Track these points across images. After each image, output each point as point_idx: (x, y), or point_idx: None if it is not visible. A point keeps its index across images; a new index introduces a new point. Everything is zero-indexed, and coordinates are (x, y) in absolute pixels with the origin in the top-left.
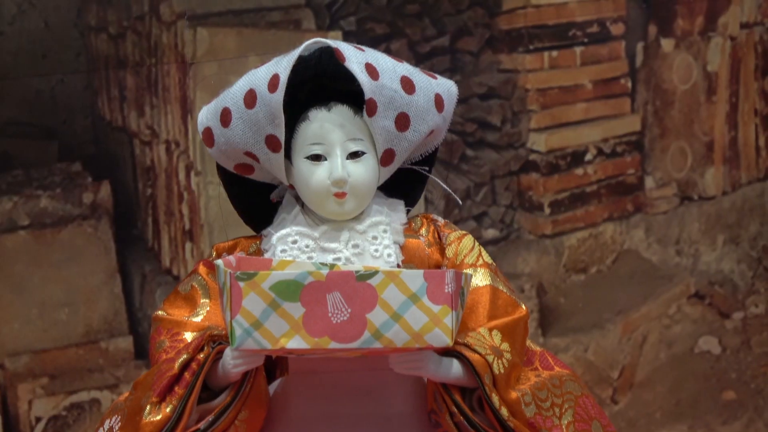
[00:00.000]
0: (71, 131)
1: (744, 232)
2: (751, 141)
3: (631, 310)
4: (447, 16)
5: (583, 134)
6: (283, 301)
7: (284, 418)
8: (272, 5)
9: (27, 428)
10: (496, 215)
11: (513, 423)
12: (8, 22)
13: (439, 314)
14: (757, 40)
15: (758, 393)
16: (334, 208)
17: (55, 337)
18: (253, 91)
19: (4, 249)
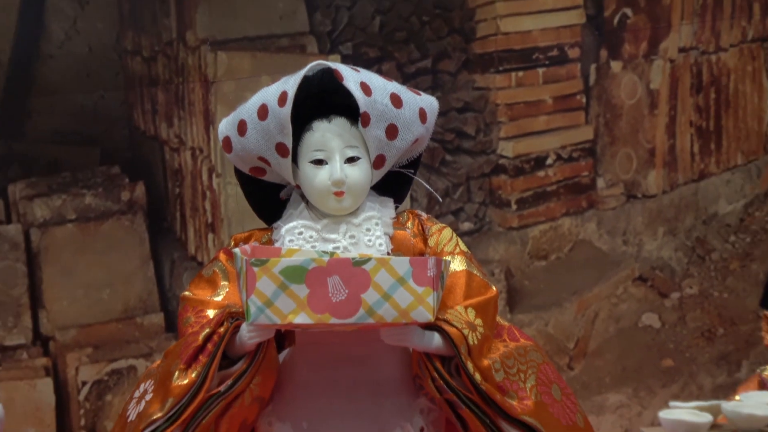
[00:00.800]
0: (111, 139)
1: (680, 225)
2: (687, 148)
3: (585, 290)
4: (429, 42)
5: (545, 142)
6: (291, 283)
7: (291, 382)
8: (281, 32)
9: (74, 391)
10: (471, 211)
11: (485, 386)
12: (57, 46)
13: (423, 294)
14: (693, 62)
15: (692, 361)
16: (334, 205)
17: (98, 313)
18: (265, 105)
19: (54, 239)
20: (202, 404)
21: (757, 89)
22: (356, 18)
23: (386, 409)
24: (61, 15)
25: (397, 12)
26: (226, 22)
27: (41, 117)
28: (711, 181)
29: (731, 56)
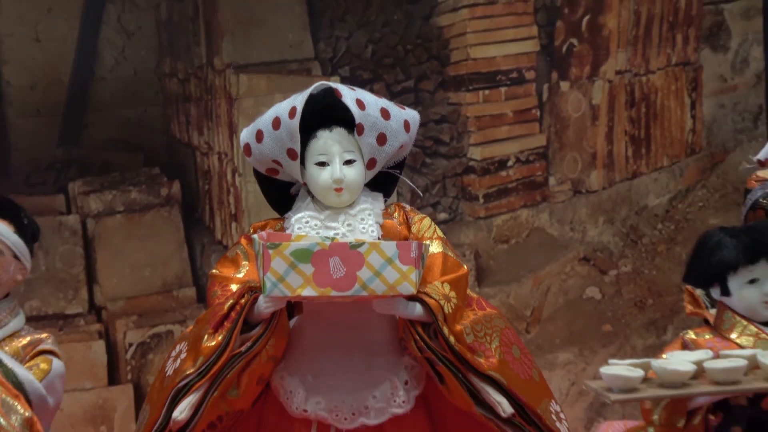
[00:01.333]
0: (152, 146)
1: (617, 215)
2: (622, 152)
3: (539, 269)
4: (412, 66)
5: (506, 148)
6: (299, 263)
7: (300, 344)
8: (291, 59)
9: (122, 351)
10: (446, 203)
11: (458, 347)
12: (108, 70)
13: (407, 272)
14: (627, 82)
15: (627, 326)
16: (334, 199)
17: (141, 288)
18: (278, 118)
19: (105, 227)
20: (227, 362)
21: (679, 104)
22: (352, 47)
23: (377, 366)
24: (111, 45)
25: (385, 42)
26: (246, 50)
27: (95, 128)
28: (642, 179)
29: (658, 77)
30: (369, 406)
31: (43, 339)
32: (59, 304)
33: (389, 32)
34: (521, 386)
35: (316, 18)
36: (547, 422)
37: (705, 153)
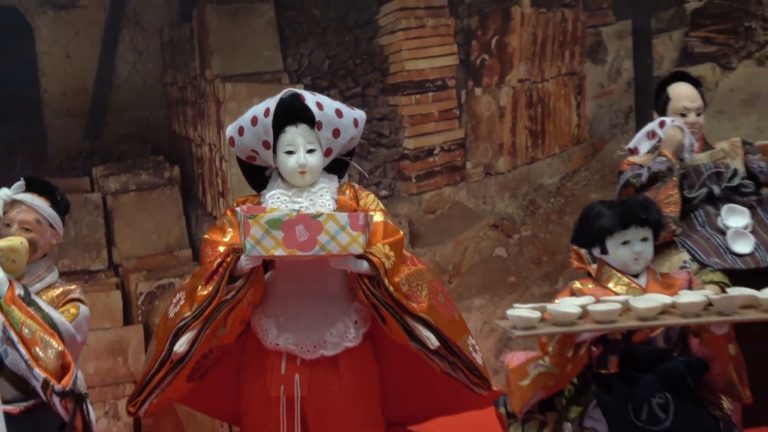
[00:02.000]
0: (157, 139)
1: (519, 191)
2: (523, 143)
3: (459, 234)
4: (360, 76)
5: (433, 139)
6: (272, 229)
7: (273, 293)
8: (265, 71)
9: (134, 299)
10: (386, 183)
11: (396, 294)
12: (123, 80)
13: (356, 236)
14: (526, 88)
15: (527, 278)
16: (299, 180)
17: (149, 249)
18: (256, 117)
19: (121, 202)
20: (216, 307)
21: (567, 105)
22: (313, 61)
23: (333, 310)
24: (125, 61)
25: (339, 58)
26: (230, 64)
27: (113, 126)
28: (538, 163)
29: (551, 84)
30: (327, 341)
31: (72, 290)
32: (85, 262)
33: (342, 50)
34: (445, 325)
35: (285, 40)
36: (465, 353)
37: (587, 143)
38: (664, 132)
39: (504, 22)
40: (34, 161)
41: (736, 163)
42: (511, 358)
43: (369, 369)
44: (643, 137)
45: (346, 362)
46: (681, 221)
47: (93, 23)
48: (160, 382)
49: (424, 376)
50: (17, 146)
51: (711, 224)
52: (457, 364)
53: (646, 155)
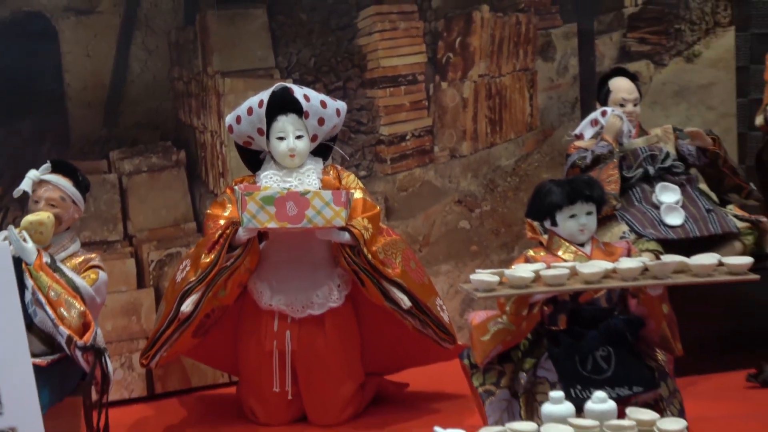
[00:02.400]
0: (166, 127)
1: (480, 172)
2: (483, 129)
3: (428, 208)
4: (341, 72)
5: (405, 127)
6: (266, 205)
7: (267, 260)
8: (259, 68)
9: (147, 265)
10: (365, 165)
11: (374, 261)
12: (135, 76)
13: (339, 211)
14: (486, 82)
15: (487, 247)
16: (289, 162)
17: (159, 223)
18: (251, 107)
19: (134, 182)
20: (217, 273)
21: (521, 97)
22: (301, 59)
23: (319, 274)
24: (137, 59)
25: (323, 56)
26: (229, 62)
27: (127, 115)
28: (497, 147)
29: (507, 79)
30: (313, 302)
31: (92, 258)
32: (103, 234)
33: (325, 49)
34: (416, 288)
35: (276, 41)
36: (434, 312)
37: (539, 130)
38: (606, 120)
39: (466, 25)
40: (58, 146)
41: (668, 147)
42: (473, 316)
43: (350, 326)
44: (587, 124)
45: (330, 320)
46: (620, 197)
47: (109, 27)
48: (169, 338)
49: (398, 332)
50: (44, 133)
51: (646, 200)
52: (426, 321)
53: (590, 140)
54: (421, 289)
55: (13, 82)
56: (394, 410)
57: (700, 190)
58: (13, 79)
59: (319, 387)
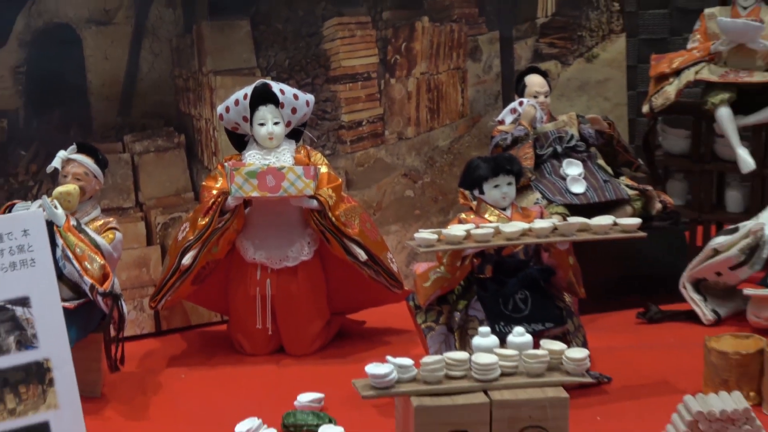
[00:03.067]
0: (169, 115)
1: (422, 150)
2: (425, 117)
3: (380, 180)
4: (310, 71)
5: (361, 115)
6: (250, 178)
7: (250, 223)
8: (244, 67)
9: (154, 227)
10: (330, 145)
11: (337, 223)
12: (144, 74)
13: (309, 183)
14: (427, 78)
15: (428, 211)
16: (268, 144)
17: (164, 192)
18: (238, 100)
19: (144, 160)
20: (211, 233)
21: (455, 91)
22: (277, 61)
23: (292, 234)
24: (145, 61)
25: (295, 58)
26: (219, 63)
27: (137, 107)
28: (435, 131)
29: (444, 76)
30: (288, 256)
31: (110, 221)
32: (119, 202)
33: (297, 53)
34: (371, 244)
35: (258, 45)
36: (385, 263)
37: (469, 117)
38: (522, 109)
39: (410, 33)
40: (82, 132)
41: (572, 130)
42: (417, 267)
43: (318, 275)
44: (508, 112)
45: (302, 271)
46: (534, 171)
47: (123, 35)
48: (172, 285)
49: (356, 280)
50: (70, 121)
51: (555, 173)
52: (379, 271)
53: (509, 125)
54: (375, 245)
55: (45, 79)
56: (353, 343)
57: (598, 164)
58: (45, 77)
59: (293, 324)
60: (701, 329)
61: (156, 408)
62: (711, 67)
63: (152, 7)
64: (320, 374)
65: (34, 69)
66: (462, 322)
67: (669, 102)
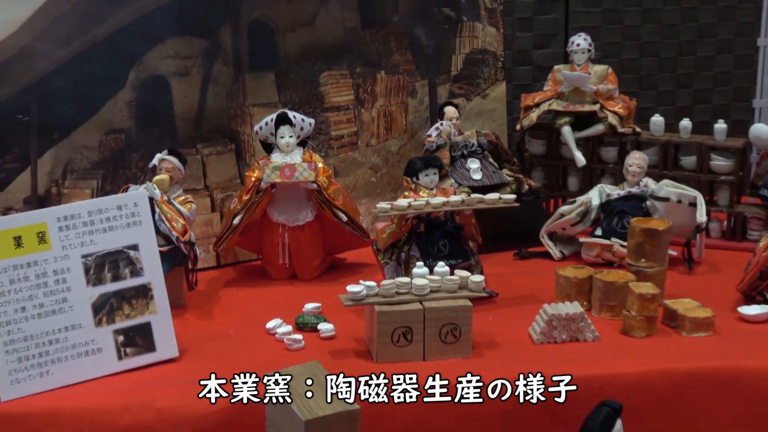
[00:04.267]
0: (225, 131)
1: (381, 154)
2: (383, 133)
3: (355, 172)
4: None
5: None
6: (275, 170)
7: (274, 198)
8: (271, 102)
9: (216, 201)
10: (324, 150)
11: (329, 198)
12: (209, 106)
13: (311, 173)
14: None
15: (384, 191)
16: (286, 150)
17: (222, 179)
18: (267, 122)
19: (209, 160)
20: (251, 204)
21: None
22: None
23: (301, 204)
24: (210, 98)
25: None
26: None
27: (206, 126)
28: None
29: (394, 107)
30: (299, 218)
31: (188, 197)
32: (194, 185)
33: (303, 93)
34: (350, 211)
35: (279, 89)
36: (359, 223)
37: (410, 132)
38: (442, 127)
39: (373, 81)
40: (171, 142)
41: (473, 141)
42: (378, 224)
43: (317, 230)
44: (433, 130)
45: (307, 227)
46: (450, 166)
47: (196, 82)
48: (227, 237)
49: (341, 233)
50: (164, 135)
51: (463, 167)
52: (355, 228)
53: (434, 137)
54: (352, 212)
55: (147, 109)
56: (339, 272)
57: (489, 161)
58: (148, 108)
59: (301, 260)
60: (553, 263)
61: (217, 311)
62: (558, 102)
63: (214, 65)
64: (319, 291)
65: (140, 103)
66: (406, 259)
67: (532, 123)
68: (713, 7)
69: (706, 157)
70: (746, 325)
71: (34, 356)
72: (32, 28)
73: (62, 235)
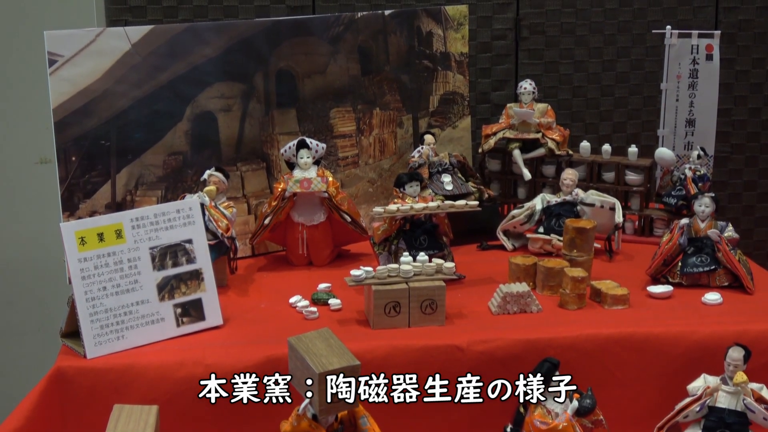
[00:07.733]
0: (258, 153)
1: (377, 170)
2: (378, 154)
3: (357, 184)
4: (324, 134)
5: (347, 153)
6: (296, 182)
7: (296, 204)
8: (293, 131)
9: (252, 206)
10: (332, 167)
11: (337, 203)
12: (246, 134)
13: (323, 185)
14: (379, 137)
15: (379, 199)
16: (305, 168)
17: (256, 190)
18: (290, 146)
19: (247, 175)
20: (278, 208)
21: (392, 142)
22: (308, 129)
23: (316, 209)
24: (246, 129)
25: (317, 127)
26: (281, 128)
27: (243, 150)
28: (383, 161)
29: (386, 135)
30: (314, 219)
31: (230, 203)
32: (235, 194)
33: (318, 125)
34: (353, 213)
35: (299, 121)
36: (360, 223)
37: (398, 154)
38: (422, 150)
39: (371, 115)
40: (217, 161)
41: (446, 160)
42: (374, 224)
43: (328, 228)
44: (416, 152)
45: (320, 226)
46: (428, 179)
47: (236, 117)
48: (260, 233)
49: (346, 230)
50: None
51: (438, 180)
52: (356, 226)
53: (417, 158)
54: (355, 214)
55: (200, 137)
56: (344, 260)
57: (458, 176)
58: (200, 136)
59: (316, 250)
60: (507, 253)
61: (251, 290)
62: (510, 131)
63: (250, 104)
64: (329, 275)
65: (194, 132)
66: (395, 250)
67: (491, 147)
68: (627, 59)
69: (622, 173)
70: (653, 300)
71: (112, 324)
72: (113, 75)
73: (134, 232)
